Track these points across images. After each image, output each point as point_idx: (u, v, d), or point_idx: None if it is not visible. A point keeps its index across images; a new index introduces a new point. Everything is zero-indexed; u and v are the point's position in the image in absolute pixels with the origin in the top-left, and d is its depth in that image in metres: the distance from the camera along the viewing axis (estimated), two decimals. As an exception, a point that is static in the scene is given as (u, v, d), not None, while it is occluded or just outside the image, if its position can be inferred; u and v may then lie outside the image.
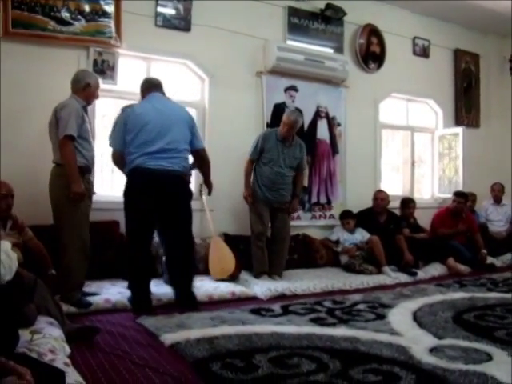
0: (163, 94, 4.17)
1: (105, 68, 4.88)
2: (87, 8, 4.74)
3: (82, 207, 3.88)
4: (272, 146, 5.05)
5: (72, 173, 3.75)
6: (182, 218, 3.97)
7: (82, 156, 3.88)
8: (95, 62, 4.84)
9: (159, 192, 3.81)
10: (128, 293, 4.05)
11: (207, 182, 4.44)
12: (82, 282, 3.97)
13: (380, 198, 6.05)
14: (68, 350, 2.73)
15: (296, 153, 5.15)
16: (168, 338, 3.13)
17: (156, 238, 4.26)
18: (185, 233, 4.00)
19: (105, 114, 5.17)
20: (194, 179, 5.08)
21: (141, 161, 3.83)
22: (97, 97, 4.19)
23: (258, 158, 5.11)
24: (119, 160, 4.07)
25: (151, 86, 4.15)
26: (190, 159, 4.18)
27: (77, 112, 3.84)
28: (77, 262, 3.84)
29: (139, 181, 3.85)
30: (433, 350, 3.01)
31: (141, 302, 3.90)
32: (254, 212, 5.12)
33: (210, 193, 4.59)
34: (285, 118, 5.03)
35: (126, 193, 3.95)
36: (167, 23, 5.26)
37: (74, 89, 4.03)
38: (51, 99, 4.57)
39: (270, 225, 5.22)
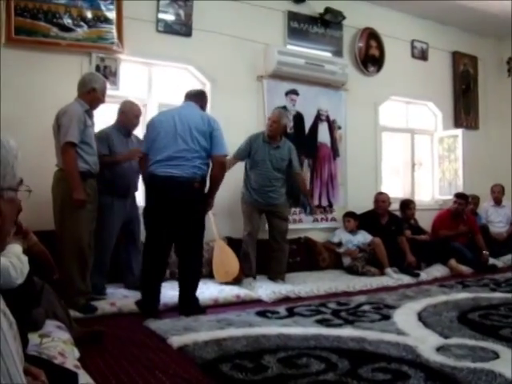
0: (200, 103, 4.21)
1: (107, 73, 4.90)
2: (89, 14, 4.77)
3: (84, 213, 3.88)
4: (259, 148, 5.06)
5: (73, 180, 3.78)
6: (189, 223, 3.95)
7: (84, 161, 3.90)
8: (97, 68, 4.86)
9: (166, 197, 3.84)
10: (133, 296, 4.07)
11: (210, 194, 4.13)
12: (86, 288, 3.95)
13: (381, 199, 6.08)
14: (77, 353, 2.73)
15: (284, 154, 5.12)
16: (176, 341, 3.15)
17: None
18: (191, 238, 3.99)
19: (107, 120, 5.18)
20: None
21: (153, 168, 3.90)
22: (102, 102, 4.18)
23: (243, 158, 5.11)
24: (141, 163, 4.22)
25: (187, 96, 4.26)
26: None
27: (78, 117, 3.86)
28: (75, 269, 3.84)
29: (152, 187, 3.95)
30: (440, 349, 3.02)
31: (147, 306, 3.92)
32: (244, 213, 5.16)
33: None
34: (269, 114, 5.13)
35: (145, 198, 4.09)
36: (168, 29, 5.29)
37: (80, 92, 4.05)
38: (54, 105, 4.57)
39: (267, 228, 5.24)
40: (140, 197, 4.76)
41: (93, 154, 4.02)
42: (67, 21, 4.66)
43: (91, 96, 4.03)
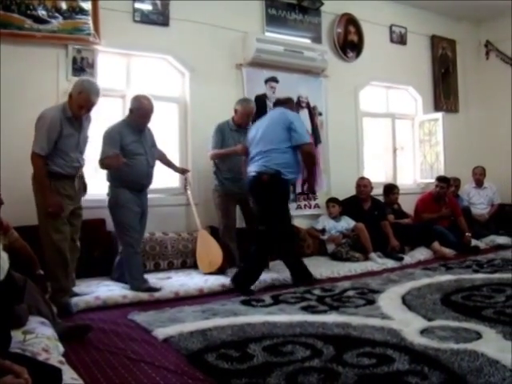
0: (288, 107, 4.70)
1: (84, 65, 4.84)
2: (64, 5, 4.69)
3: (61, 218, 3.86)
4: (229, 137, 5.05)
5: (41, 188, 3.77)
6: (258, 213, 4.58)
7: (57, 165, 3.84)
8: (74, 60, 4.80)
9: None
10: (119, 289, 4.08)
11: (308, 179, 4.85)
12: (65, 287, 3.89)
13: (362, 184, 6.09)
14: (62, 348, 2.72)
15: None
16: (161, 333, 3.14)
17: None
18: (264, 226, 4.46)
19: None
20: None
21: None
22: (83, 112, 3.91)
23: (220, 147, 5.07)
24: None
25: (276, 103, 4.99)
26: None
27: (51, 125, 3.75)
28: (53, 267, 3.80)
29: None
30: (424, 332, 3.05)
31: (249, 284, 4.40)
32: (219, 207, 5.09)
33: (311, 191, 5.42)
34: (242, 108, 5.04)
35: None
36: (145, 18, 5.23)
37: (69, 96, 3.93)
38: (31, 99, 4.55)
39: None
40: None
41: (70, 161, 3.90)
42: (41, 12, 4.57)
43: (70, 103, 3.87)
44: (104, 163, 4.21)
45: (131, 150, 4.27)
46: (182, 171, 5.00)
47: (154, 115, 4.43)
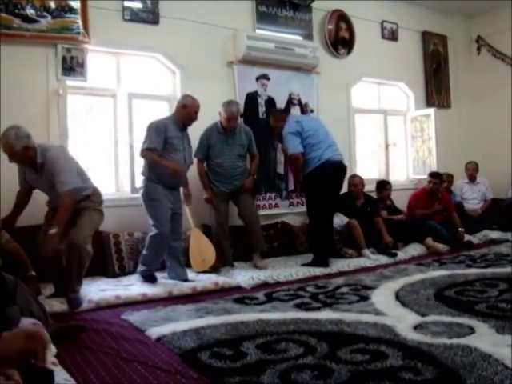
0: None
1: (74, 65, 4.81)
2: (52, 4, 4.65)
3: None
4: (216, 141, 5.04)
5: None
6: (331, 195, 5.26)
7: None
8: (64, 59, 4.76)
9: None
10: (111, 289, 4.05)
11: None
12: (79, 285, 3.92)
13: (353, 183, 6.02)
14: (54, 349, 2.70)
15: (242, 140, 5.13)
16: (154, 332, 3.14)
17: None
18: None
19: (75, 112, 5.10)
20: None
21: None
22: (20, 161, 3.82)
23: (206, 155, 5.09)
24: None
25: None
26: None
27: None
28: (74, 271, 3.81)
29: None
30: (417, 327, 3.06)
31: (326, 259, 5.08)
32: (212, 206, 5.12)
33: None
34: (225, 112, 4.97)
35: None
36: (135, 17, 5.20)
37: None
38: (20, 99, 4.53)
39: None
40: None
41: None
42: (30, 11, 4.53)
43: None
44: (155, 160, 4.38)
45: (173, 144, 4.49)
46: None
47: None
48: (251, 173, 5.23)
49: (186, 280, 4.49)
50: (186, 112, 4.58)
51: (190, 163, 4.78)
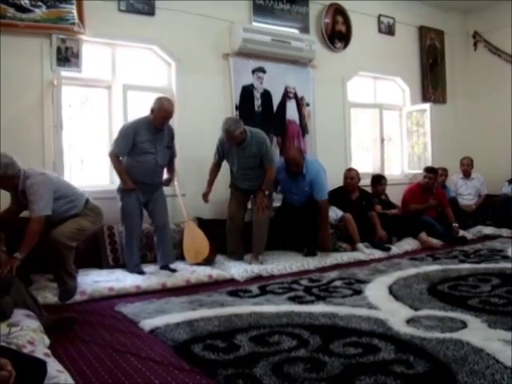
0: None
1: (69, 55, 4.78)
2: (47, -6, 4.62)
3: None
4: (228, 151, 5.03)
5: None
6: None
7: None
8: (59, 50, 4.73)
9: None
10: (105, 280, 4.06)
11: None
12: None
13: (349, 176, 6.02)
14: (47, 340, 2.70)
15: (251, 151, 4.94)
16: (147, 324, 3.14)
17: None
18: None
19: (71, 103, 5.08)
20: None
21: None
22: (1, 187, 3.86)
23: (221, 160, 5.13)
24: None
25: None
26: None
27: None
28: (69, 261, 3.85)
29: None
30: (410, 321, 3.07)
31: None
32: (231, 196, 5.23)
33: None
34: (225, 132, 4.81)
35: None
36: (130, 8, 5.17)
37: None
38: (15, 90, 4.50)
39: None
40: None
41: None
42: (24, 1, 4.48)
43: None
44: (116, 166, 4.52)
45: (142, 148, 4.48)
46: (167, 182, 4.93)
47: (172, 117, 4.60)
48: (261, 188, 5.07)
49: (165, 268, 4.56)
50: (153, 117, 4.46)
51: (164, 164, 4.72)
